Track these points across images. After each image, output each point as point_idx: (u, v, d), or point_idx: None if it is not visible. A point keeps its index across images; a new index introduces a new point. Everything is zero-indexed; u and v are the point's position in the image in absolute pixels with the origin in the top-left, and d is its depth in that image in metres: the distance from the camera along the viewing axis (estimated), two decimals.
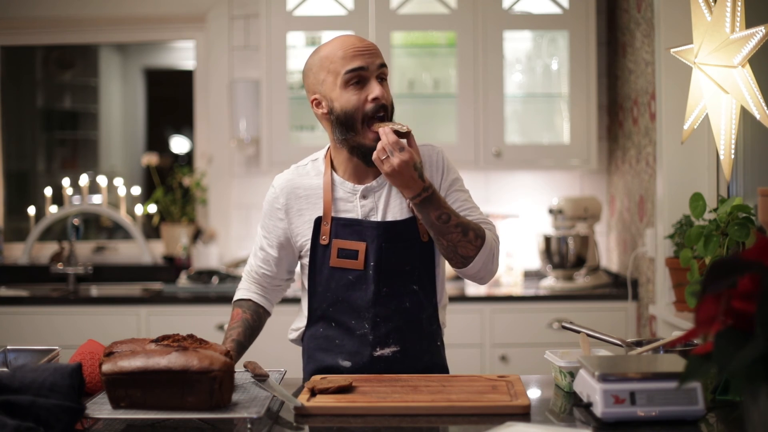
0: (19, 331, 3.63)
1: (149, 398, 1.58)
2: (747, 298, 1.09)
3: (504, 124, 3.83)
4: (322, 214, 2.03)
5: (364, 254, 2.00)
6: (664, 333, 3.01)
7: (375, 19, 3.79)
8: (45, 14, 4.25)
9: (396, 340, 2.02)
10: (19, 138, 5.11)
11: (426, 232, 2.02)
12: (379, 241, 2.00)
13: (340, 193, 2.05)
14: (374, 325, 2.01)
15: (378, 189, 2.04)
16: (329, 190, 2.04)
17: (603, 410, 1.54)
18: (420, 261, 2.03)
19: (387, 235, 2.00)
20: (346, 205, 2.04)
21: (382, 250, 2.00)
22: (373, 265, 2.00)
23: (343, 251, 2.01)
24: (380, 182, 2.04)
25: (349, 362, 2.02)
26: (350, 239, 2.01)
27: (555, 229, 3.84)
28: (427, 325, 2.04)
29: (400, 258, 2.01)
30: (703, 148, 3.05)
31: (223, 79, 4.20)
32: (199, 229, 4.24)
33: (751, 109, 2.28)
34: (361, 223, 2.01)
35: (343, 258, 2.01)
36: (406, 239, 2.02)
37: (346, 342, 2.03)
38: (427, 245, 2.04)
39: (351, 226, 2.01)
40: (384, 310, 2.01)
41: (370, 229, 2.00)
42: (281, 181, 2.10)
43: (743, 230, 2.28)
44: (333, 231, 2.02)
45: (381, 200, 2.04)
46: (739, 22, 2.33)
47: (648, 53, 3.39)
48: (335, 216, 2.03)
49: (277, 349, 3.60)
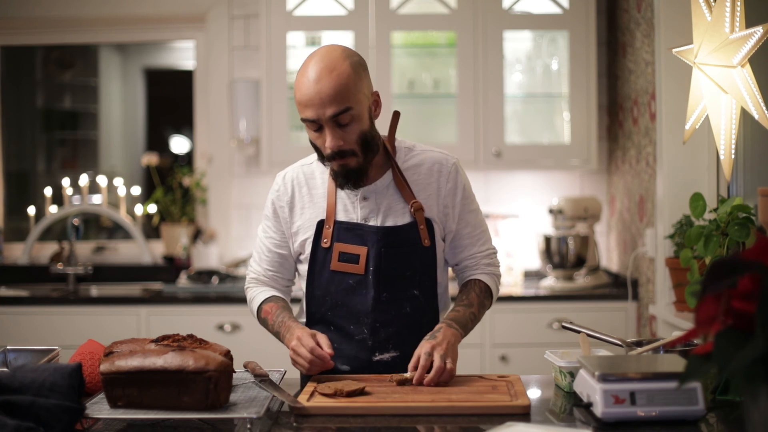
0: (19, 331, 3.63)
1: (146, 398, 1.58)
2: (747, 298, 1.09)
3: (504, 124, 3.83)
4: (325, 217, 2.02)
5: (365, 259, 1.98)
6: (664, 333, 3.01)
7: (375, 19, 3.79)
8: (45, 14, 4.25)
9: (396, 345, 2.01)
10: (19, 138, 5.11)
11: (427, 237, 2.01)
12: (379, 246, 1.98)
13: (341, 193, 2.03)
14: (373, 331, 2.00)
15: (379, 191, 2.02)
16: (333, 192, 2.03)
17: (603, 410, 1.54)
18: (421, 266, 2.01)
19: (387, 240, 1.99)
20: (346, 207, 2.02)
21: (382, 255, 1.98)
22: (372, 270, 1.98)
23: (345, 255, 1.99)
24: (381, 184, 2.03)
25: (347, 366, 2.01)
26: (352, 243, 1.99)
27: (555, 229, 3.84)
28: (428, 329, 2.02)
29: (401, 263, 2.00)
30: (703, 148, 3.04)
31: (223, 79, 4.20)
32: (199, 229, 4.24)
33: (750, 109, 2.28)
34: (363, 228, 1.99)
35: (343, 262, 1.99)
36: (406, 244, 2.00)
37: (344, 346, 2.02)
38: (428, 250, 2.02)
39: (353, 230, 2.00)
40: (383, 316, 2.00)
41: (371, 234, 1.99)
42: (286, 178, 2.08)
43: (743, 230, 2.28)
44: (335, 234, 2.00)
45: (382, 203, 2.02)
46: (738, 22, 2.33)
47: (648, 53, 3.39)
48: (338, 219, 2.01)
49: (277, 349, 3.60)
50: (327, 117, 1.87)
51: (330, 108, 1.86)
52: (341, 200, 2.03)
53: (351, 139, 1.91)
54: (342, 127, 1.90)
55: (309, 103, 1.87)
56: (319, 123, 1.89)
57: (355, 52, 1.95)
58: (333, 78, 1.86)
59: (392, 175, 2.03)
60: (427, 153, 2.08)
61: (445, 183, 2.04)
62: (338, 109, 1.87)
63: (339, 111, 1.87)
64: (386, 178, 2.03)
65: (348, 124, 1.90)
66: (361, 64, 1.94)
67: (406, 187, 2.01)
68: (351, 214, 2.02)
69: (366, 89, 1.93)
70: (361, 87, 1.91)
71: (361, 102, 1.91)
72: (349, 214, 2.02)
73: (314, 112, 1.87)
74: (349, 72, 1.88)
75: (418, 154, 2.07)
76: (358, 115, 1.90)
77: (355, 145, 1.92)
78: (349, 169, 1.94)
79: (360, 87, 1.90)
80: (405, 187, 2.01)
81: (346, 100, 1.87)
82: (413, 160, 2.06)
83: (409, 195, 2.01)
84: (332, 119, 1.88)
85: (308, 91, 1.87)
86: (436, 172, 2.04)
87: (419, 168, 2.05)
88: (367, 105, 1.94)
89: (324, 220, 2.02)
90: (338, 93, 1.86)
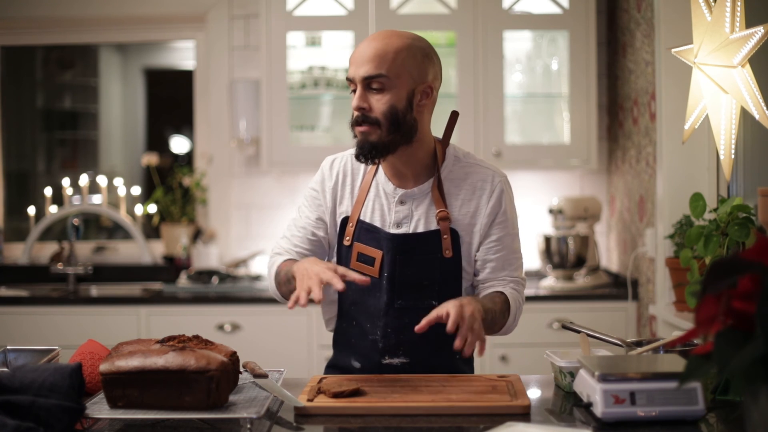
0: (19, 331, 3.63)
1: (146, 398, 1.58)
2: (747, 298, 1.09)
3: (504, 124, 3.83)
4: (350, 215, 2.00)
5: (379, 263, 1.95)
6: (664, 333, 3.01)
7: (375, 19, 3.79)
8: (45, 14, 4.25)
9: (406, 351, 1.97)
10: (19, 138, 5.11)
11: (449, 248, 1.95)
12: (393, 253, 1.95)
13: (380, 192, 2.01)
14: (385, 334, 1.97)
15: (417, 197, 1.99)
16: (366, 190, 2.01)
17: (603, 410, 1.54)
18: (441, 276, 1.95)
19: (402, 248, 1.95)
20: (382, 208, 2.00)
21: (396, 262, 1.95)
22: (387, 275, 1.95)
23: (362, 256, 1.97)
24: (422, 190, 1.99)
25: (359, 363, 2.01)
26: (369, 245, 1.97)
27: (555, 229, 3.84)
28: (445, 339, 1.94)
29: (417, 271, 1.95)
30: (703, 148, 3.05)
31: (223, 79, 4.20)
32: (199, 229, 4.24)
33: (750, 109, 2.28)
34: (379, 231, 1.97)
35: (361, 262, 1.97)
36: (424, 252, 1.95)
37: (359, 343, 2.01)
38: (451, 261, 1.96)
39: (371, 233, 1.98)
40: (396, 322, 1.96)
41: (386, 240, 1.95)
42: (333, 165, 2.06)
43: (743, 230, 2.28)
44: (356, 234, 1.99)
45: (419, 209, 1.98)
46: (738, 22, 2.33)
47: (648, 53, 3.39)
48: (361, 219, 1.99)
49: (277, 349, 3.61)
50: (360, 76, 1.89)
51: (364, 67, 1.89)
52: (378, 199, 2.00)
53: (378, 107, 1.90)
54: (373, 92, 1.90)
55: (352, 60, 1.92)
56: (355, 84, 1.91)
57: (425, 42, 1.96)
58: (380, 44, 1.90)
59: (433, 182, 1.99)
60: (475, 168, 2.02)
61: (486, 203, 1.99)
62: (372, 72, 1.88)
63: (372, 74, 1.88)
64: (428, 184, 1.99)
65: (380, 92, 1.90)
66: (424, 50, 1.94)
67: (440, 197, 1.97)
68: (385, 216, 1.99)
69: (416, 72, 1.92)
70: (409, 66, 1.91)
71: (402, 78, 1.90)
72: (383, 215, 1.99)
73: (353, 70, 1.91)
74: (399, 45, 1.90)
75: (465, 167, 2.02)
76: (393, 87, 1.90)
77: (380, 115, 1.89)
78: (369, 142, 1.91)
79: (407, 65, 1.91)
80: (439, 197, 1.97)
81: (383, 67, 1.88)
82: (458, 172, 2.01)
83: (441, 205, 1.97)
84: (364, 80, 1.89)
85: (356, 50, 1.93)
86: (479, 190, 1.99)
87: (462, 183, 2.00)
88: (411, 87, 1.92)
89: (348, 217, 2.00)
90: (378, 57, 1.88)
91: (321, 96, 3.98)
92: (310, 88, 3.93)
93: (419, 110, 1.95)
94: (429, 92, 1.96)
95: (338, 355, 2.07)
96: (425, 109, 1.96)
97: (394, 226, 1.97)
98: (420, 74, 1.93)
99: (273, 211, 4.19)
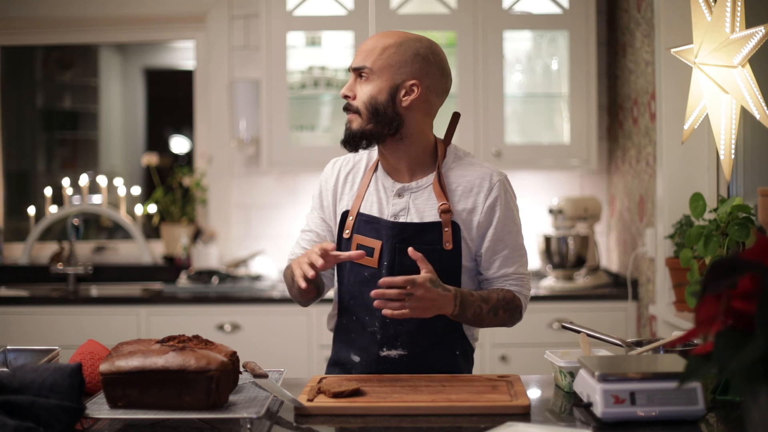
0: (19, 331, 3.63)
1: (146, 398, 1.58)
2: (747, 298, 1.09)
3: (504, 124, 3.83)
4: (350, 208, 2.04)
5: (378, 252, 1.98)
6: (664, 333, 3.01)
7: (375, 19, 3.79)
8: (45, 14, 4.25)
9: (404, 343, 1.99)
10: (19, 138, 5.10)
11: (450, 240, 1.97)
12: (393, 241, 1.97)
13: (379, 186, 2.04)
14: (383, 325, 1.99)
15: (414, 190, 2.02)
16: (366, 185, 2.05)
17: (603, 410, 1.54)
18: (440, 268, 1.94)
19: (402, 236, 1.97)
20: (381, 201, 2.03)
21: (396, 251, 1.97)
22: (386, 264, 1.97)
23: (362, 247, 1.99)
24: (419, 185, 2.02)
25: (358, 357, 2.02)
26: (368, 236, 2.00)
27: (555, 229, 3.84)
28: (443, 333, 1.99)
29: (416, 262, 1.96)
30: (703, 148, 3.05)
31: (223, 79, 4.20)
32: (199, 229, 4.24)
33: (750, 109, 2.28)
34: (379, 221, 2.00)
35: None
36: (424, 243, 1.96)
37: (358, 337, 2.03)
38: (451, 253, 1.98)
39: (371, 223, 2.01)
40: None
41: (386, 228, 1.98)
42: (335, 164, 2.13)
43: (743, 230, 2.28)
44: (356, 226, 2.02)
45: (416, 202, 2.00)
46: (739, 22, 2.33)
47: (648, 53, 3.39)
48: (361, 211, 2.02)
49: (277, 349, 3.61)
50: (351, 67, 2.01)
51: (356, 59, 2.00)
52: (377, 193, 2.04)
53: (360, 96, 1.98)
54: (360, 81, 1.99)
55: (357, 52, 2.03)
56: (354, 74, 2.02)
57: (426, 44, 2.00)
58: (375, 40, 2.00)
59: (433, 178, 2.02)
60: (475, 167, 2.04)
61: (484, 200, 2.00)
62: (359, 64, 1.98)
63: (358, 66, 1.98)
64: (427, 179, 2.02)
65: (364, 82, 1.98)
66: (417, 50, 1.98)
67: (441, 191, 1.99)
68: (383, 208, 2.02)
69: (404, 70, 1.96)
70: (394, 62, 1.96)
71: (386, 72, 1.96)
72: (381, 208, 2.02)
73: (354, 60, 2.01)
74: (389, 43, 1.98)
75: (465, 165, 2.04)
76: (375, 79, 1.97)
77: (360, 104, 1.97)
78: (351, 129, 2.00)
79: (392, 61, 1.96)
80: (440, 191, 1.99)
81: (369, 60, 1.97)
82: (458, 170, 2.03)
83: (443, 198, 1.98)
84: (354, 71, 2.00)
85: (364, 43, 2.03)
86: (477, 186, 2.01)
87: (461, 180, 2.02)
88: (394, 82, 1.96)
89: (348, 211, 2.04)
90: (368, 51, 1.98)
91: (321, 96, 3.98)
92: (310, 88, 3.93)
93: (406, 106, 1.98)
94: (414, 90, 1.98)
95: (338, 351, 2.09)
96: (414, 105, 1.98)
97: (392, 218, 2.01)
98: (406, 71, 1.97)
99: (273, 211, 4.19)
